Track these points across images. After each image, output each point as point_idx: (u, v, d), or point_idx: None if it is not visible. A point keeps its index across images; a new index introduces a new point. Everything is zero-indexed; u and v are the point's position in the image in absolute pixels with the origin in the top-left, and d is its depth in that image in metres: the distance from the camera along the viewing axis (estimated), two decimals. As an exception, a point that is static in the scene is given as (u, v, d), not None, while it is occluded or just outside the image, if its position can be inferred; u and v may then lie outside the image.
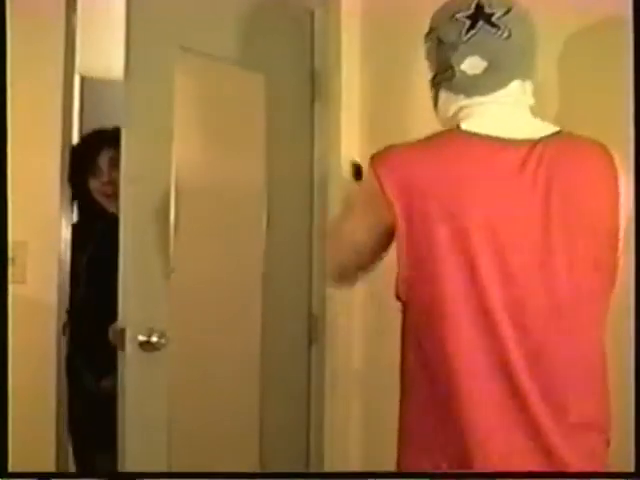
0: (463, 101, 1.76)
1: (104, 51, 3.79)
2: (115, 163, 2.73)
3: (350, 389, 2.93)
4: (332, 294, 2.85)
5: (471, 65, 1.74)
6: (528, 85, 1.78)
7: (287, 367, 2.85)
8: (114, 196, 2.76)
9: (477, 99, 1.75)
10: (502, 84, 1.75)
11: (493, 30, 1.72)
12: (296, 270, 2.87)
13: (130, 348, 2.28)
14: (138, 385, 2.32)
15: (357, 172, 2.62)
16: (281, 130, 2.77)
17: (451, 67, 1.75)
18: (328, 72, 2.90)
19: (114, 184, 2.80)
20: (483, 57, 1.73)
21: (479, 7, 1.72)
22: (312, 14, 2.90)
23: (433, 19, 1.81)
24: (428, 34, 1.82)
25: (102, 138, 3.03)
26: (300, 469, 2.83)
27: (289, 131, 2.82)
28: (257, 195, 2.70)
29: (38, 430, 2.65)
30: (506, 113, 1.75)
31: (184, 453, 2.47)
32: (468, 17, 1.73)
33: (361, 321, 2.92)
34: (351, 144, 2.87)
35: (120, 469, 2.26)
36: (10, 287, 1.94)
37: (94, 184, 3.03)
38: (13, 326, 1.92)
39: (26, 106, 2.66)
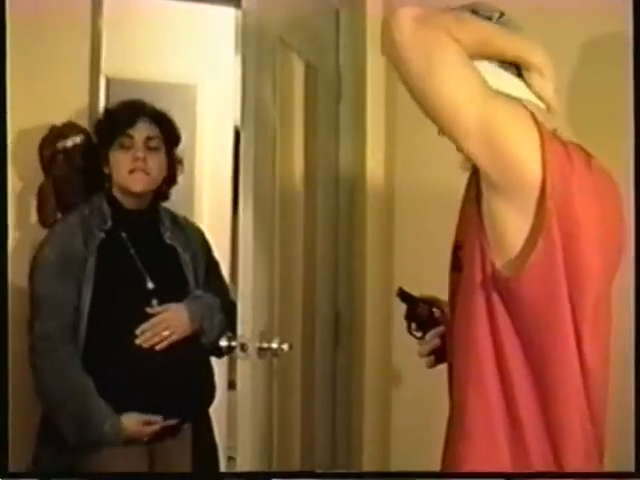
0: None
1: (130, 53, 3.85)
2: (153, 144, 2.49)
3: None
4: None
5: None
6: None
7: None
8: (144, 175, 2.46)
9: None
10: None
11: None
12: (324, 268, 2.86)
13: (247, 355, 2.23)
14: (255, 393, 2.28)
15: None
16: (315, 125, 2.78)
17: None
18: (353, 72, 2.90)
19: (147, 164, 2.46)
20: None
21: (474, 12, 1.71)
22: (337, 13, 2.90)
23: None
24: None
25: (138, 109, 2.54)
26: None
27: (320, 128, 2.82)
28: (298, 194, 2.70)
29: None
30: None
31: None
32: None
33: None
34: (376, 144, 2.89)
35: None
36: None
37: (121, 158, 2.48)
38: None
39: (52, 108, 2.65)
